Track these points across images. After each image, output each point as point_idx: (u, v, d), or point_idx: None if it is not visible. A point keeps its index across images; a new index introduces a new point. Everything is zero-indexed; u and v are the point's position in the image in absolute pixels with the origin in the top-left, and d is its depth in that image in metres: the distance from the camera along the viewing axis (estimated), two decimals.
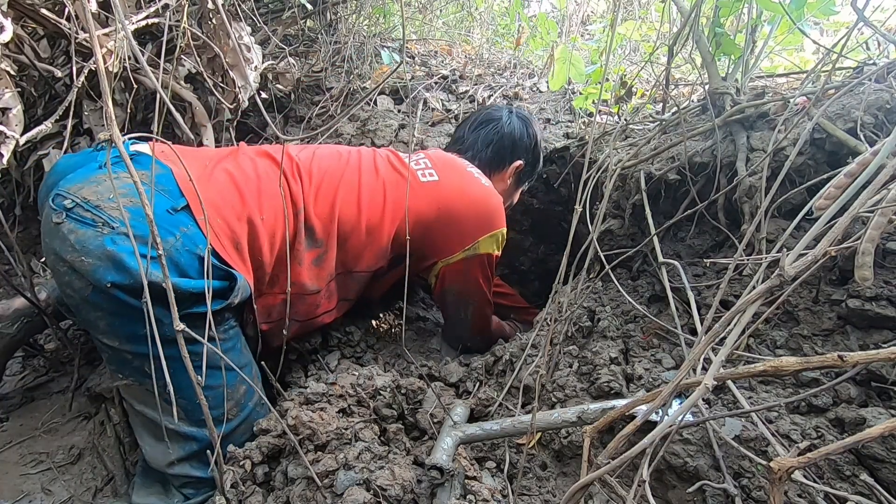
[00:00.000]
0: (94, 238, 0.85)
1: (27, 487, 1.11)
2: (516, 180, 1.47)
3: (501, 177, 1.43)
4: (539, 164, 1.52)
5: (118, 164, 0.93)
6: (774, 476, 0.49)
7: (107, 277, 0.84)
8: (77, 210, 0.87)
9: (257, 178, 1.05)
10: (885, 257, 0.87)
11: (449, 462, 0.81)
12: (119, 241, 0.85)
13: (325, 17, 2.37)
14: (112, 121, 0.57)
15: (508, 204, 1.52)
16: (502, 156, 1.41)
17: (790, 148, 0.99)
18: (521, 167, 1.44)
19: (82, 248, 0.85)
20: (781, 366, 0.55)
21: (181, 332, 0.62)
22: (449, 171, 1.24)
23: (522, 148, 1.43)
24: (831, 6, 1.16)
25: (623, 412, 0.65)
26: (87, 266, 0.84)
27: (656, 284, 1.15)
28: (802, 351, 0.89)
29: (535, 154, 1.47)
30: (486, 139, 1.40)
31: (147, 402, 0.96)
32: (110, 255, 0.84)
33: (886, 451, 0.70)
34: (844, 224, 0.54)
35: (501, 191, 1.42)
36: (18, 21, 1.28)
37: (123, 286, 0.84)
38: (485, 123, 1.43)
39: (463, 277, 1.29)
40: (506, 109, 1.46)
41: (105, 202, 0.87)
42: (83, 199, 0.87)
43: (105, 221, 0.86)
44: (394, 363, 1.31)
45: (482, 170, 1.36)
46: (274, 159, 1.11)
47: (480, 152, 1.40)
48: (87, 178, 0.91)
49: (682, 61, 1.67)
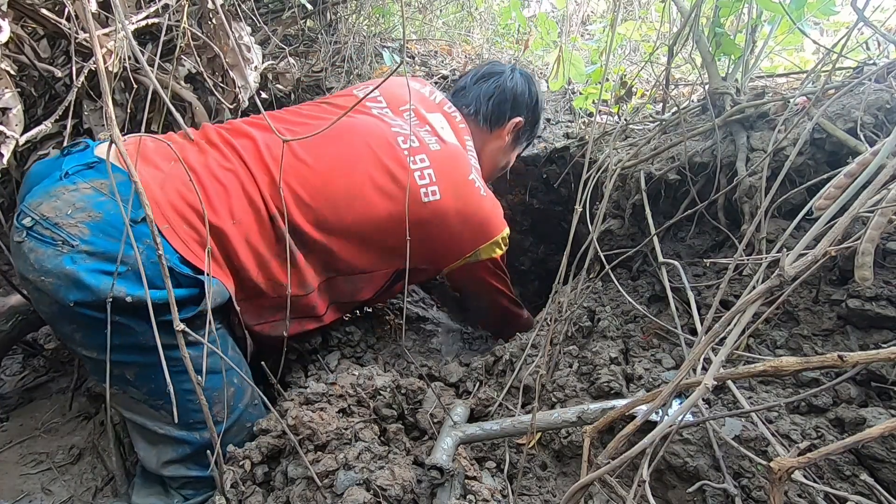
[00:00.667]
0: (54, 257, 0.84)
1: (27, 487, 1.11)
2: (514, 138, 1.44)
3: (500, 133, 1.40)
4: (538, 125, 1.49)
5: (79, 173, 0.91)
6: (774, 476, 0.49)
7: (69, 297, 0.83)
8: (37, 228, 0.85)
9: (226, 176, 1.00)
10: (885, 257, 0.87)
11: (449, 462, 0.81)
12: (78, 259, 0.84)
13: (325, 17, 2.37)
14: (112, 121, 0.57)
15: (506, 164, 1.50)
16: (503, 110, 1.39)
17: (790, 148, 0.99)
18: (520, 124, 1.41)
19: (41, 267, 0.84)
20: (781, 366, 0.55)
21: (181, 333, 0.62)
22: (451, 184, 1.16)
23: (523, 105, 1.41)
24: (831, 6, 1.16)
25: (623, 412, 0.65)
26: (48, 286, 0.84)
27: (656, 284, 1.15)
28: (802, 351, 0.89)
29: (535, 113, 1.44)
30: (487, 92, 1.38)
31: (134, 409, 0.95)
32: (69, 274, 0.83)
33: (886, 451, 0.70)
34: (844, 224, 0.54)
35: (499, 147, 1.41)
36: (18, 21, 1.28)
37: (87, 303, 0.83)
38: (487, 77, 1.41)
39: (469, 277, 1.31)
40: (509, 66, 1.44)
41: (63, 219, 0.85)
42: (42, 216, 0.85)
43: (64, 240, 0.84)
44: (394, 363, 1.31)
45: (482, 124, 1.37)
46: (236, 150, 1.04)
47: (482, 105, 1.37)
48: (47, 191, 0.88)
49: (682, 61, 1.67)
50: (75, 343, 0.90)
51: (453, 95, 1.44)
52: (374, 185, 1.09)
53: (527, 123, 1.43)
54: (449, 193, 1.15)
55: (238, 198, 0.99)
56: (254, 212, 1.00)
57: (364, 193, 1.08)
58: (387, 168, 1.10)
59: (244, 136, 1.07)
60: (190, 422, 0.94)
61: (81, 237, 0.85)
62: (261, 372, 0.94)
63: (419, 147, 1.16)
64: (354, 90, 1.33)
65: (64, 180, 0.90)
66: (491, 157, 1.41)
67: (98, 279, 0.83)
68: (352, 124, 1.15)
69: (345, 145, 1.11)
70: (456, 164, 1.20)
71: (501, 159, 1.46)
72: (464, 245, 1.23)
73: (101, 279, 0.83)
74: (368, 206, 1.09)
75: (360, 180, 1.08)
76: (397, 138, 1.15)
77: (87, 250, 0.85)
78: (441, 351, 1.45)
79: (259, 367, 1.07)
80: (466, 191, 1.19)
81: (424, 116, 1.26)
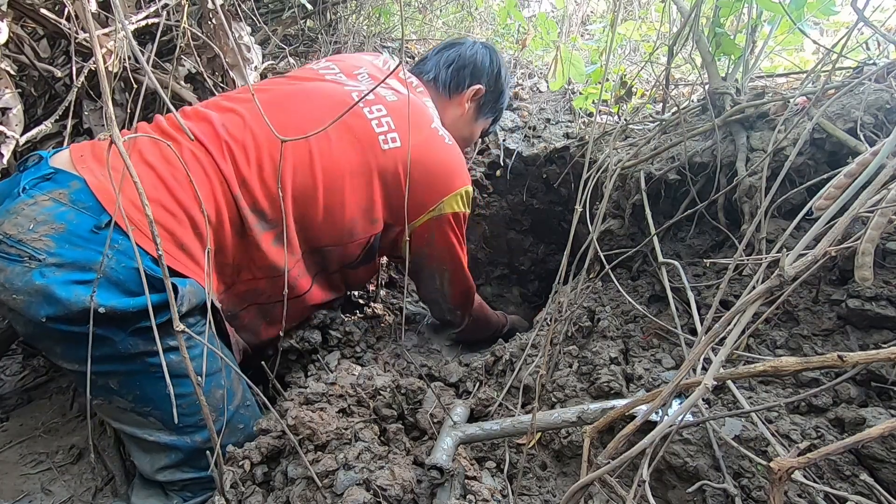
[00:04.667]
0: (23, 274, 0.83)
1: (27, 487, 1.11)
2: (476, 108, 1.41)
3: (459, 100, 1.37)
4: (503, 97, 1.46)
5: (36, 186, 0.90)
6: (774, 476, 0.49)
7: (41, 313, 0.82)
8: (2, 248, 0.85)
9: (183, 164, 0.95)
10: (885, 257, 0.87)
11: (449, 462, 0.81)
12: (48, 272, 0.83)
13: (325, 17, 2.37)
14: (112, 121, 0.57)
15: (468, 135, 1.46)
16: (462, 76, 1.37)
17: (790, 148, 0.99)
18: (480, 91, 1.38)
19: (11, 286, 0.83)
20: (781, 366, 0.55)
21: (181, 333, 0.62)
22: (412, 130, 1.13)
23: (483, 72, 1.38)
24: (831, 6, 1.16)
25: (623, 412, 0.65)
26: (19, 304, 0.83)
27: (656, 284, 1.15)
28: (802, 351, 0.89)
29: (497, 84, 1.41)
30: (447, 60, 1.37)
31: (122, 419, 0.94)
32: (39, 289, 0.82)
33: (886, 451, 0.70)
34: (844, 224, 0.54)
35: (459, 115, 1.39)
36: (18, 21, 1.28)
37: (58, 317, 0.82)
38: (448, 46, 1.41)
39: (430, 239, 1.24)
40: (472, 40, 1.45)
41: (26, 234, 0.84)
42: (5, 234, 0.84)
43: (31, 255, 0.83)
44: (394, 363, 1.31)
45: (441, 91, 1.35)
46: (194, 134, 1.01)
47: (440, 72, 1.36)
48: (7, 210, 0.87)
49: (682, 61, 1.67)
50: (57, 357, 0.90)
51: (414, 67, 1.43)
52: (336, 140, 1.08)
53: (488, 93, 1.40)
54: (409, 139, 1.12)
55: (203, 184, 0.97)
56: (222, 193, 0.98)
57: (328, 149, 1.07)
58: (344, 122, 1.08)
59: (202, 120, 1.04)
60: (180, 426, 0.92)
61: (47, 250, 0.84)
62: (261, 372, 0.94)
63: (374, 99, 1.15)
64: (310, 64, 1.32)
65: (22, 195, 0.89)
66: (452, 125, 1.35)
67: (69, 291, 0.82)
68: (306, 91, 1.14)
69: (303, 109, 1.09)
70: (416, 110, 1.17)
71: (464, 129, 1.42)
72: (427, 196, 1.18)
73: (73, 290, 0.82)
74: (333, 162, 1.07)
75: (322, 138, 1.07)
76: (350, 94, 1.14)
77: (56, 262, 0.84)
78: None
79: (259, 368, 1.07)
80: (428, 137, 1.17)
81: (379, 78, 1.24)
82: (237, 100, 1.12)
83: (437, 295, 1.36)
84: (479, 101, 1.40)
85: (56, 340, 0.87)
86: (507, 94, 1.48)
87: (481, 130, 1.49)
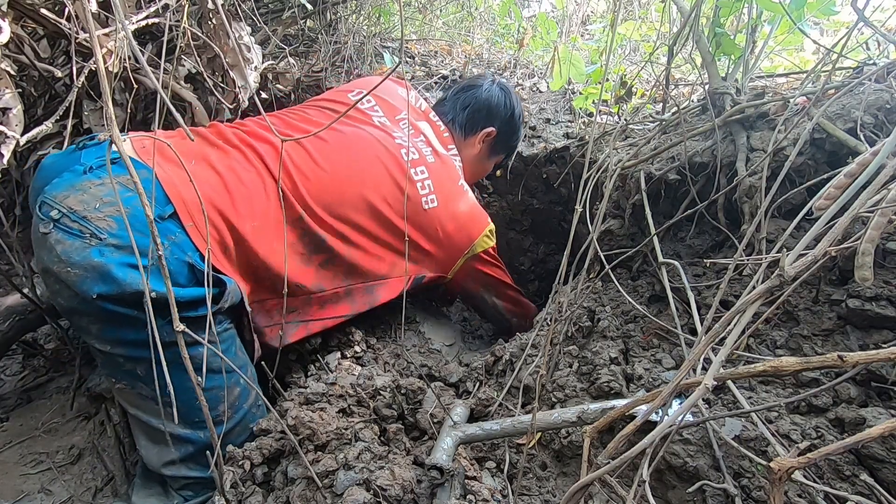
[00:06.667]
0: (82, 249, 0.85)
1: (27, 487, 1.11)
2: (488, 147, 1.50)
3: (472, 141, 1.48)
4: (515, 137, 1.56)
5: (102, 167, 0.93)
6: (774, 476, 0.49)
7: (94, 289, 0.84)
8: (64, 221, 0.87)
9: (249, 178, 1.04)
10: (885, 257, 0.87)
11: (449, 462, 0.81)
12: (106, 252, 0.86)
13: (325, 17, 2.37)
14: (112, 121, 0.57)
15: (481, 170, 1.57)
16: (476, 119, 1.46)
17: (790, 148, 0.99)
18: (492, 134, 1.47)
19: (68, 259, 0.85)
20: (781, 366, 0.55)
21: (181, 333, 0.62)
22: (446, 192, 1.28)
23: (498, 116, 1.48)
24: (831, 6, 1.16)
25: (623, 412, 0.65)
26: (73, 277, 0.85)
27: (656, 284, 1.15)
28: (802, 351, 0.89)
29: (510, 125, 1.51)
30: (463, 103, 1.47)
31: (140, 406, 0.96)
32: (97, 266, 0.84)
33: (886, 451, 0.70)
34: (844, 224, 0.54)
35: (473, 155, 1.48)
36: (18, 21, 1.28)
37: (109, 296, 0.85)
38: (466, 89, 1.50)
39: (473, 275, 1.39)
40: (490, 79, 1.52)
41: (91, 212, 0.87)
42: (69, 209, 0.87)
43: (93, 233, 0.86)
44: (394, 363, 1.31)
45: (457, 132, 1.45)
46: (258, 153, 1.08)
47: (458, 115, 1.46)
48: (72, 184, 0.90)
49: (682, 61, 1.67)
50: (90, 335, 0.91)
51: (435, 106, 1.53)
52: (384, 197, 1.18)
53: (500, 134, 1.49)
54: (443, 200, 1.27)
55: (260, 201, 1.03)
56: (274, 215, 1.04)
57: (375, 202, 1.17)
58: (395, 181, 1.20)
59: (264, 141, 1.12)
60: (196, 420, 0.94)
61: (110, 230, 0.87)
62: (262, 372, 0.94)
63: (419, 159, 1.27)
64: (348, 93, 1.39)
65: (89, 174, 0.92)
66: (468, 163, 1.48)
67: (125, 272, 0.85)
68: (361, 136, 1.23)
69: (357, 156, 1.19)
70: (449, 174, 1.32)
71: (477, 166, 1.54)
72: (461, 242, 1.31)
73: (128, 272, 0.85)
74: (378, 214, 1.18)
75: (371, 190, 1.16)
76: (400, 150, 1.24)
77: (115, 244, 0.86)
78: (441, 351, 1.45)
79: (259, 368, 1.07)
80: (457, 194, 1.31)
81: (417, 125, 1.35)
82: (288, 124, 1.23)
83: (493, 312, 1.52)
84: (490, 142, 1.50)
85: (97, 318, 0.89)
86: (521, 132, 1.60)
87: (494, 164, 1.60)
